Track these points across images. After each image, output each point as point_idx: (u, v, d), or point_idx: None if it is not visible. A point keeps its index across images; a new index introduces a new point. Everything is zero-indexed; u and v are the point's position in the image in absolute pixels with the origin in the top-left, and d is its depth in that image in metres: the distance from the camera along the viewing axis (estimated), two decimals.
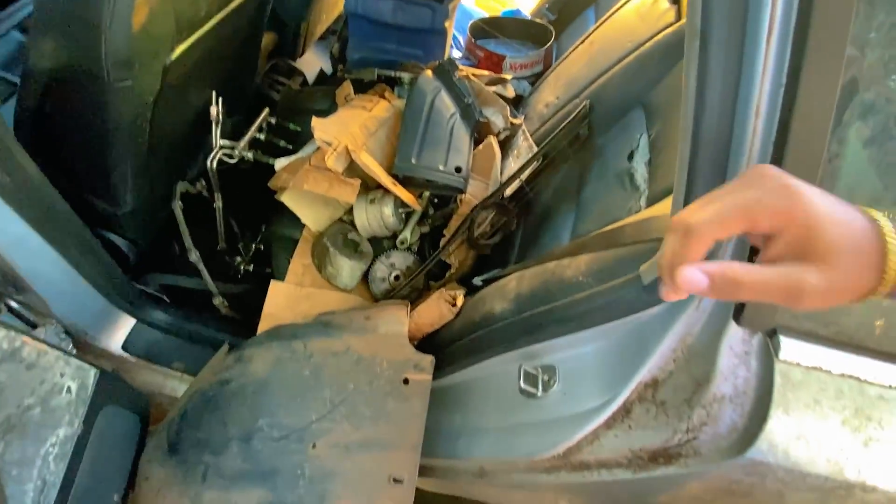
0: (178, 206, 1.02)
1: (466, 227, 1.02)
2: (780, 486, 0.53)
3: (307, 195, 1.03)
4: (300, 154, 1.07)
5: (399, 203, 1.04)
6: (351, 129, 1.03)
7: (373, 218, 1.03)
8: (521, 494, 0.78)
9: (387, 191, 1.04)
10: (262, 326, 0.92)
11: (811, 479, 0.50)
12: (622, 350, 0.62)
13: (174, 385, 1.07)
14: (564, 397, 0.67)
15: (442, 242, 1.06)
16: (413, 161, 1.06)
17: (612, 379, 0.62)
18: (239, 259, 1.26)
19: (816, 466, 0.50)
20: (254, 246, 1.29)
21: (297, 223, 1.08)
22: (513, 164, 1.17)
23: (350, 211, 1.10)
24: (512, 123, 1.27)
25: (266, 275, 1.24)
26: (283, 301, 0.96)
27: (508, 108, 1.29)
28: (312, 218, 1.06)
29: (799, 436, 0.49)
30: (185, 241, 1.01)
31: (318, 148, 1.00)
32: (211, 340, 1.06)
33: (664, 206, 0.70)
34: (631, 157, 0.87)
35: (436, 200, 1.15)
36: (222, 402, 0.82)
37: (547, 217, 1.02)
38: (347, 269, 0.99)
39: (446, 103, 1.17)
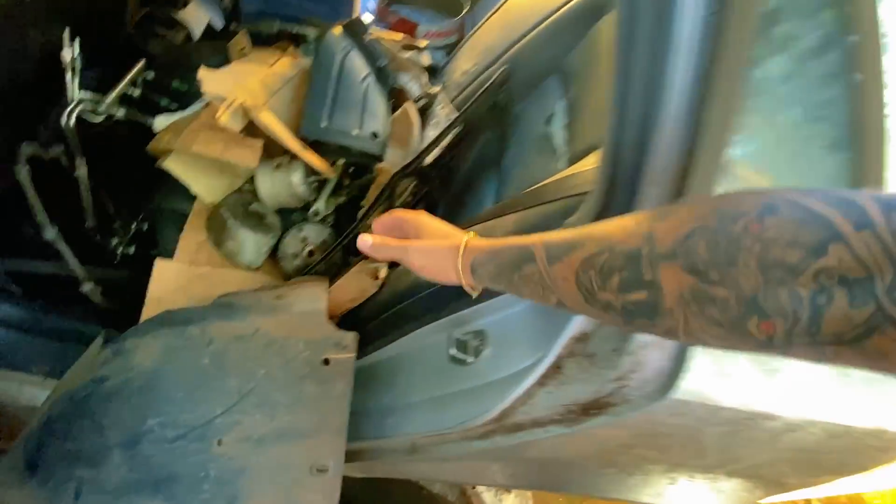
0: (23, 170, 0.82)
1: (386, 197, 0.96)
2: (697, 423, 0.56)
3: (197, 161, 0.90)
4: (185, 112, 0.92)
5: (309, 170, 0.95)
6: (249, 85, 0.90)
7: (280, 187, 0.92)
8: (453, 466, 0.76)
9: (294, 156, 0.94)
10: (147, 313, 0.78)
11: (724, 412, 0.54)
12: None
13: (34, 393, 0.88)
14: (496, 361, 0.65)
15: (360, 214, 0.99)
16: (323, 124, 0.96)
17: (543, 337, 0.61)
18: (116, 240, 1.07)
19: (729, 400, 0.53)
20: (134, 225, 1.11)
21: (186, 195, 0.94)
22: (432, 134, 1.13)
23: (251, 179, 0.97)
24: (428, 93, 1.22)
25: (151, 258, 1.07)
26: (172, 282, 0.83)
27: (425, 75, 1.24)
28: (205, 187, 0.93)
29: (715, 372, 0.52)
30: (37, 215, 0.82)
31: (209, 104, 0.86)
32: (80, 336, 0.89)
33: (587, 162, 0.71)
34: (549, 121, 0.87)
35: (351, 170, 1.07)
36: (97, 403, 0.68)
37: (470, 185, 0.99)
38: (251, 243, 0.88)
39: (357, 64, 1.09)
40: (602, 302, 0.34)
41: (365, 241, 0.53)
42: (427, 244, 0.51)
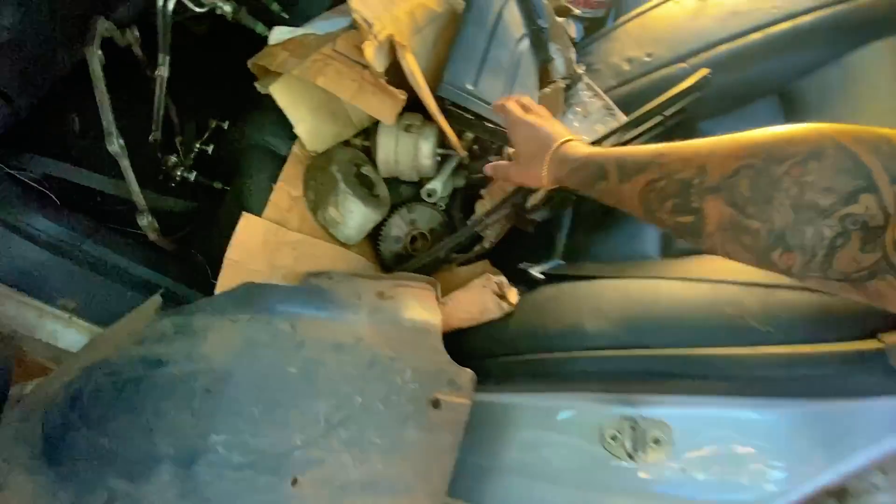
0: (95, 53, 0.63)
1: (523, 195, 0.77)
2: None
3: (311, 95, 0.70)
4: (311, 29, 0.72)
5: (441, 139, 0.76)
6: (396, 14, 0.69)
7: (404, 153, 0.73)
8: None
9: (427, 118, 0.74)
10: (225, 280, 0.61)
11: None
12: (796, 433, 0.45)
13: (55, 329, 0.72)
14: (681, 474, 0.49)
15: (480, 206, 0.81)
16: (469, 86, 0.76)
17: (770, 468, 0.45)
18: (174, 160, 0.89)
19: None
20: (198, 145, 0.92)
21: (282, 130, 0.75)
22: (576, 124, 0.92)
23: (363, 133, 0.78)
24: (573, 72, 1.01)
25: (215, 191, 0.89)
26: (256, 245, 0.65)
27: (573, 51, 1.02)
28: (311, 130, 0.73)
29: None
30: (104, 116, 0.63)
31: (350, 28, 0.66)
32: (125, 276, 0.72)
33: None
34: None
35: (475, 147, 0.87)
36: (149, 395, 0.52)
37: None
38: (359, 217, 0.70)
39: (516, 19, 0.87)
40: (658, 219, 0.39)
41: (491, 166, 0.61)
42: (521, 167, 0.57)
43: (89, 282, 0.72)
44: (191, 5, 0.68)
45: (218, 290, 0.59)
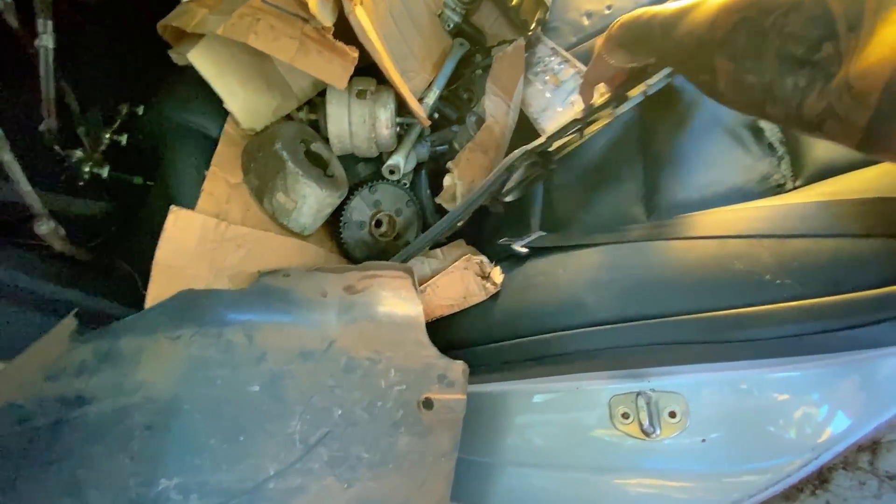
0: None
1: (503, 181, 0.69)
2: None
3: (238, 61, 0.59)
4: None
5: (400, 107, 0.67)
6: None
7: (359, 123, 0.64)
8: None
9: (382, 82, 0.66)
10: (156, 289, 0.50)
11: None
12: (831, 388, 0.42)
13: None
14: (703, 445, 0.46)
15: (448, 180, 0.73)
16: None
17: (792, 429, 0.42)
18: (80, 154, 0.74)
19: None
20: (109, 135, 0.78)
21: (209, 106, 0.63)
22: (548, 95, 0.86)
23: (307, 105, 0.68)
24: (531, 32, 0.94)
25: (136, 189, 0.76)
26: (192, 243, 0.54)
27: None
28: (244, 104, 0.62)
29: None
30: None
31: None
32: (27, 297, 0.59)
33: (843, 185, 0.50)
34: None
35: (436, 115, 0.79)
36: (72, 441, 0.41)
37: (593, 169, 0.75)
38: (314, 201, 0.60)
39: None
40: (685, 76, 0.46)
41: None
42: (592, 63, 0.62)
43: None
44: None
45: (148, 302, 0.49)
